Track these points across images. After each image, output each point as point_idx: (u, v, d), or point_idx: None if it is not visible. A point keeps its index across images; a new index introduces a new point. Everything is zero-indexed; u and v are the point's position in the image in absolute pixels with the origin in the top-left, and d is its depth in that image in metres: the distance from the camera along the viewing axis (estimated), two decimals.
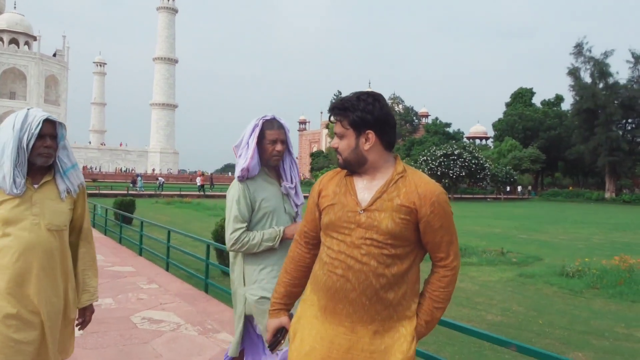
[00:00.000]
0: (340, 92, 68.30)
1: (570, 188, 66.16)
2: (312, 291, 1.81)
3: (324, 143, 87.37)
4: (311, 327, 1.76)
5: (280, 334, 1.86)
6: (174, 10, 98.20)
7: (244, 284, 2.56)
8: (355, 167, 1.76)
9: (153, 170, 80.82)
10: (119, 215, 12.73)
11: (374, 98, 1.73)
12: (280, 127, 2.61)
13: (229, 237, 2.53)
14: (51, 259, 2.12)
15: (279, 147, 2.58)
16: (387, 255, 1.67)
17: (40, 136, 2.08)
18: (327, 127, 74.73)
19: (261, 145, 2.57)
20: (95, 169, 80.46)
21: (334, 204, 1.75)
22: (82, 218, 2.31)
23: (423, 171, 48.95)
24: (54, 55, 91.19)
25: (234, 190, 2.58)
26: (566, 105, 69.85)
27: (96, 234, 12.75)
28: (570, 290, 7.74)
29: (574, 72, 57.03)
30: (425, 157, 51.54)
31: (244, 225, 2.53)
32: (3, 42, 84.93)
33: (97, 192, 32.17)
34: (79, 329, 2.35)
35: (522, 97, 75.00)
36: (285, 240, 2.54)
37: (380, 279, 1.67)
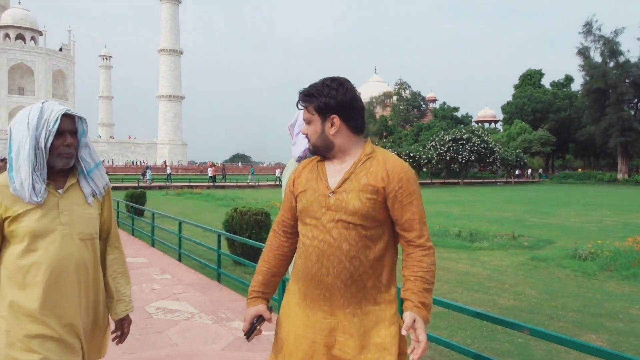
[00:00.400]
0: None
1: (580, 170, 65.62)
2: (293, 280, 1.85)
3: None
4: (295, 315, 1.80)
5: (258, 322, 1.86)
6: (177, 1, 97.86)
7: None
8: (323, 151, 1.80)
9: (165, 162, 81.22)
10: (131, 208, 12.84)
11: (338, 83, 1.76)
12: None
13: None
14: (85, 272, 1.90)
15: None
16: (359, 237, 1.69)
17: (59, 133, 1.82)
18: None
19: None
20: (108, 161, 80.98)
21: (306, 189, 1.79)
22: (109, 221, 2.08)
23: (432, 156, 48.58)
24: (60, 49, 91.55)
25: (292, 171, 2.33)
26: (576, 86, 69.13)
27: None
28: (583, 273, 7.71)
29: (583, 52, 56.30)
30: (433, 142, 51.29)
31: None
32: (9, 38, 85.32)
33: None
34: (116, 343, 2.14)
35: (530, 78, 74.19)
36: None
37: (354, 262, 1.69)
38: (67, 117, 1.85)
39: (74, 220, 1.87)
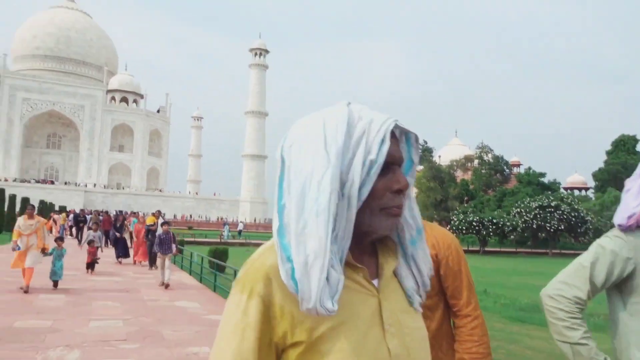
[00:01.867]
0: (426, 142, 67.58)
1: None
2: None
3: None
4: None
5: None
6: (265, 67, 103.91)
7: (630, 346, 1.65)
8: None
9: (254, 219, 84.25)
10: (214, 264, 13.26)
11: None
12: None
13: (554, 287, 1.62)
14: None
15: None
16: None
17: (386, 166, 0.90)
18: None
19: None
20: (199, 217, 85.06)
21: None
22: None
23: (517, 224, 46.26)
24: (158, 111, 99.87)
25: (606, 240, 1.62)
26: None
27: (192, 281, 13.34)
28: None
29: None
30: (518, 209, 49.11)
31: (583, 295, 1.60)
32: (115, 100, 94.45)
33: (192, 239, 33.82)
34: None
35: (624, 144, 70.19)
36: None
37: None
38: (393, 137, 0.94)
39: (408, 345, 0.91)
